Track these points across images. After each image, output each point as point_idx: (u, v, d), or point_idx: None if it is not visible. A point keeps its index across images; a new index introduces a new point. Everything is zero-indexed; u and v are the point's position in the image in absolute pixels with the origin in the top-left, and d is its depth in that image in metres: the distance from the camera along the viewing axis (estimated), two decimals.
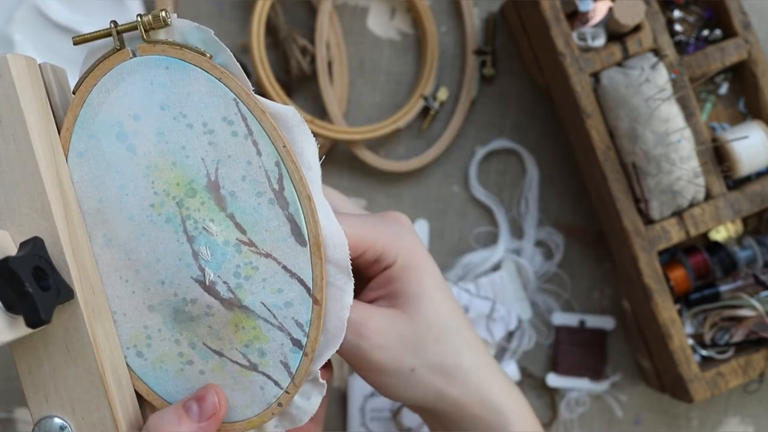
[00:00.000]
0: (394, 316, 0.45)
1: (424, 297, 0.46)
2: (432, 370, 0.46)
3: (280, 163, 0.40)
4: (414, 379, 0.46)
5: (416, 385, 0.46)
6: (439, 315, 0.46)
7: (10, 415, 0.67)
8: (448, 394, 0.47)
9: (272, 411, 0.42)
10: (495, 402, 0.47)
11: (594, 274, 0.69)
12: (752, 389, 0.68)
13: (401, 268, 0.46)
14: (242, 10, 0.68)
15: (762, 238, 0.63)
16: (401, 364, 0.45)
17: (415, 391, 0.46)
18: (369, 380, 0.46)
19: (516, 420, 0.48)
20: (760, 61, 0.62)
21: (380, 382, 0.46)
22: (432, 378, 0.46)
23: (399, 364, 0.45)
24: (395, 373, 0.45)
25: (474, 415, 0.47)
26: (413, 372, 0.45)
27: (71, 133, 0.41)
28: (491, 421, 0.47)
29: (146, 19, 0.39)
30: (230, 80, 0.40)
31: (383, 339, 0.44)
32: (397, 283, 0.46)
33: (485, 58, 0.68)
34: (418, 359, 0.45)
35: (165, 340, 0.42)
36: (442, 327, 0.46)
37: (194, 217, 0.40)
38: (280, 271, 0.40)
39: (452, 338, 0.47)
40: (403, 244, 0.46)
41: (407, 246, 0.46)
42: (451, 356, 0.46)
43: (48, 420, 0.40)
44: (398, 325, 0.45)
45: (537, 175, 0.69)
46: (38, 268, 0.37)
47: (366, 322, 0.43)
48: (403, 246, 0.46)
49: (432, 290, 0.46)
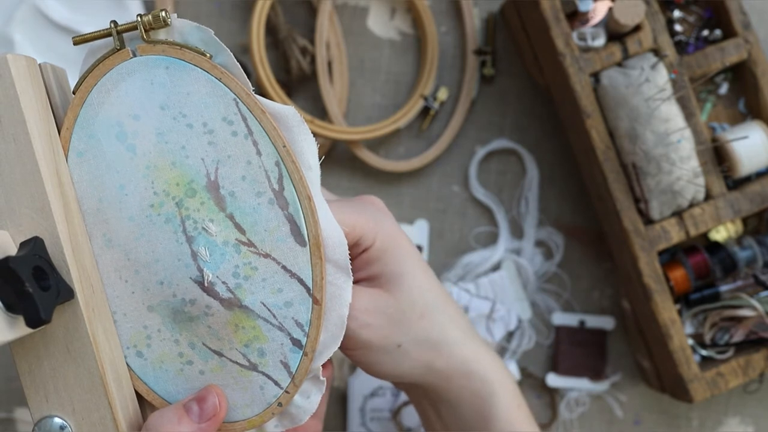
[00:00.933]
0: (379, 296, 0.46)
1: (405, 275, 0.47)
2: (418, 345, 0.47)
3: (280, 163, 0.40)
4: (401, 355, 0.47)
5: (403, 361, 0.47)
6: (421, 292, 0.47)
7: (10, 415, 0.67)
8: (434, 366, 0.48)
9: (272, 411, 0.42)
10: (480, 372, 0.49)
11: (594, 274, 0.69)
12: (752, 389, 0.68)
13: (380, 250, 0.47)
14: (242, 10, 0.68)
15: (762, 238, 0.63)
16: (388, 341, 0.46)
17: (402, 367, 0.47)
18: (356, 359, 0.47)
19: (500, 389, 0.49)
20: (760, 61, 0.62)
21: (368, 360, 0.47)
22: (418, 352, 0.47)
23: (386, 341, 0.46)
24: (383, 350, 0.46)
25: (461, 386, 0.49)
26: (400, 348, 0.47)
27: (71, 133, 0.41)
28: (477, 390, 0.49)
29: (146, 19, 0.39)
30: (230, 80, 0.40)
31: (370, 318, 0.45)
32: (378, 264, 0.47)
33: (485, 58, 0.68)
34: (404, 335, 0.47)
35: (165, 340, 0.42)
36: (425, 304, 0.48)
37: (194, 217, 0.40)
38: (279, 271, 0.40)
39: (436, 314, 0.48)
40: (380, 227, 0.47)
41: (384, 229, 0.47)
42: (437, 331, 0.48)
43: (48, 420, 0.40)
44: (383, 304, 0.46)
45: (537, 175, 0.69)
46: (38, 268, 0.37)
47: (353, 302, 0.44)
48: (381, 229, 0.47)
49: (413, 269, 0.47)
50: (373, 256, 0.47)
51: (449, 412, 0.50)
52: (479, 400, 0.49)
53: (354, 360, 0.47)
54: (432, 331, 0.48)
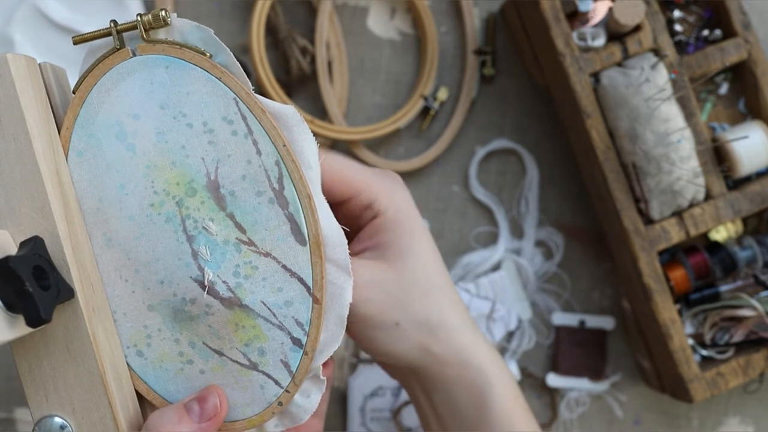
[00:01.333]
0: (382, 270, 0.46)
1: (411, 251, 0.47)
2: (416, 326, 0.47)
3: (280, 162, 0.40)
4: (398, 333, 0.46)
5: (400, 340, 0.47)
6: (425, 271, 0.47)
7: (10, 415, 0.67)
8: (431, 350, 0.47)
9: (272, 410, 0.42)
10: (477, 362, 0.48)
11: (594, 274, 0.69)
12: (752, 389, 0.68)
13: (391, 220, 0.46)
14: (242, 10, 0.68)
15: (762, 238, 0.63)
16: (386, 317, 0.46)
17: (398, 346, 0.47)
18: (354, 333, 0.47)
19: (497, 381, 0.48)
20: (760, 61, 0.62)
21: (365, 335, 0.46)
22: (416, 333, 0.47)
23: (384, 317, 0.46)
24: (380, 326, 0.46)
25: (456, 374, 0.48)
26: (397, 326, 0.46)
27: (71, 132, 0.41)
28: (473, 380, 0.48)
29: (146, 19, 0.39)
30: (230, 79, 0.40)
31: (371, 293, 0.45)
32: (386, 234, 0.47)
33: (485, 58, 0.68)
34: (404, 314, 0.46)
35: (165, 340, 0.42)
36: (428, 284, 0.47)
37: (194, 216, 0.40)
38: (279, 270, 0.40)
39: (437, 296, 0.47)
40: (395, 197, 0.47)
41: (399, 200, 0.47)
42: (436, 313, 0.47)
43: (48, 419, 0.40)
44: (385, 279, 0.46)
45: (537, 175, 0.69)
46: (38, 268, 0.37)
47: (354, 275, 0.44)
48: (396, 199, 0.47)
49: (420, 245, 0.47)
50: (383, 224, 0.46)
51: (443, 401, 0.49)
52: (475, 390, 0.48)
53: (350, 334, 0.47)
54: (432, 313, 0.47)
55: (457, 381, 0.48)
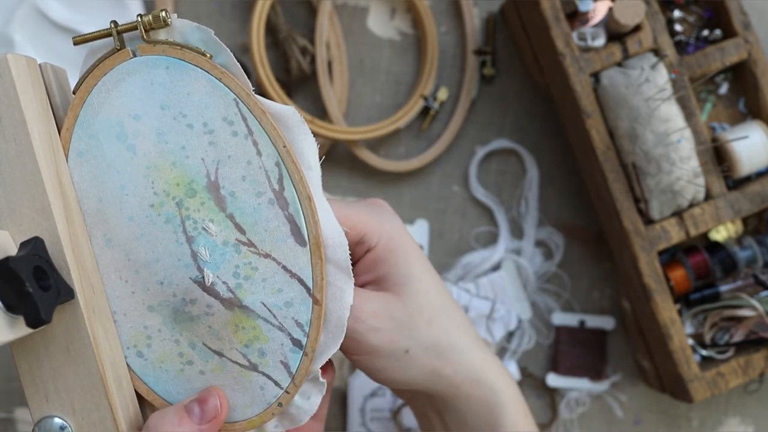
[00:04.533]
0: (386, 299, 0.45)
1: (413, 279, 0.46)
2: (426, 351, 0.46)
3: (281, 163, 0.40)
4: (408, 361, 0.46)
5: (411, 367, 0.46)
6: (429, 297, 0.47)
7: (10, 415, 0.67)
8: (442, 373, 0.47)
9: (272, 411, 0.42)
10: (488, 381, 0.48)
11: (594, 274, 0.69)
12: (752, 389, 0.68)
13: (384, 250, 0.46)
14: (242, 10, 0.68)
15: (762, 238, 0.63)
16: (395, 346, 0.45)
17: (409, 373, 0.46)
18: (363, 364, 0.46)
19: (508, 398, 0.48)
20: (760, 61, 0.62)
21: (374, 366, 0.46)
22: (426, 358, 0.46)
23: (393, 345, 0.45)
24: (390, 355, 0.45)
25: (468, 394, 0.48)
26: (407, 353, 0.46)
27: (71, 133, 0.41)
28: (485, 400, 0.48)
29: (146, 19, 0.39)
30: (230, 80, 0.40)
31: (378, 322, 0.45)
32: (384, 266, 0.46)
33: (485, 58, 0.68)
34: (412, 340, 0.46)
35: (165, 341, 0.42)
36: (433, 308, 0.47)
37: (194, 217, 0.40)
38: (279, 271, 0.40)
39: (444, 319, 0.47)
40: (384, 227, 0.46)
41: (388, 228, 0.47)
42: (444, 337, 0.47)
43: (48, 420, 0.40)
44: (391, 308, 0.45)
45: (537, 175, 0.69)
46: (38, 268, 0.37)
47: (360, 305, 0.43)
48: (385, 229, 0.46)
49: (420, 272, 0.47)
50: (378, 256, 0.46)
51: (456, 421, 0.49)
52: (487, 409, 0.48)
53: (360, 366, 0.47)
54: (440, 337, 0.47)
55: (469, 400, 0.48)
